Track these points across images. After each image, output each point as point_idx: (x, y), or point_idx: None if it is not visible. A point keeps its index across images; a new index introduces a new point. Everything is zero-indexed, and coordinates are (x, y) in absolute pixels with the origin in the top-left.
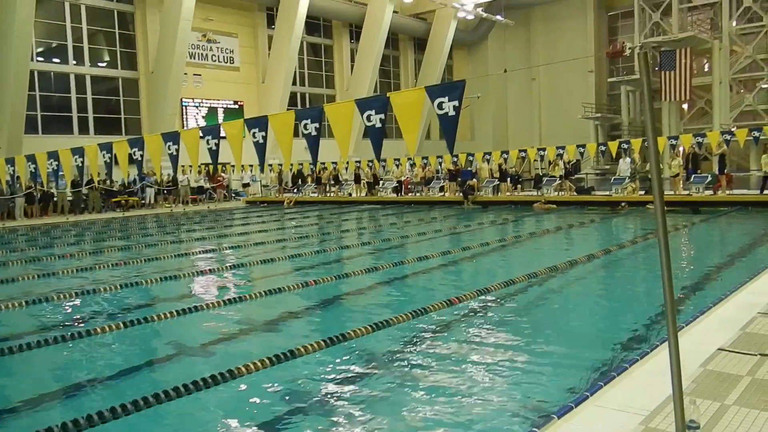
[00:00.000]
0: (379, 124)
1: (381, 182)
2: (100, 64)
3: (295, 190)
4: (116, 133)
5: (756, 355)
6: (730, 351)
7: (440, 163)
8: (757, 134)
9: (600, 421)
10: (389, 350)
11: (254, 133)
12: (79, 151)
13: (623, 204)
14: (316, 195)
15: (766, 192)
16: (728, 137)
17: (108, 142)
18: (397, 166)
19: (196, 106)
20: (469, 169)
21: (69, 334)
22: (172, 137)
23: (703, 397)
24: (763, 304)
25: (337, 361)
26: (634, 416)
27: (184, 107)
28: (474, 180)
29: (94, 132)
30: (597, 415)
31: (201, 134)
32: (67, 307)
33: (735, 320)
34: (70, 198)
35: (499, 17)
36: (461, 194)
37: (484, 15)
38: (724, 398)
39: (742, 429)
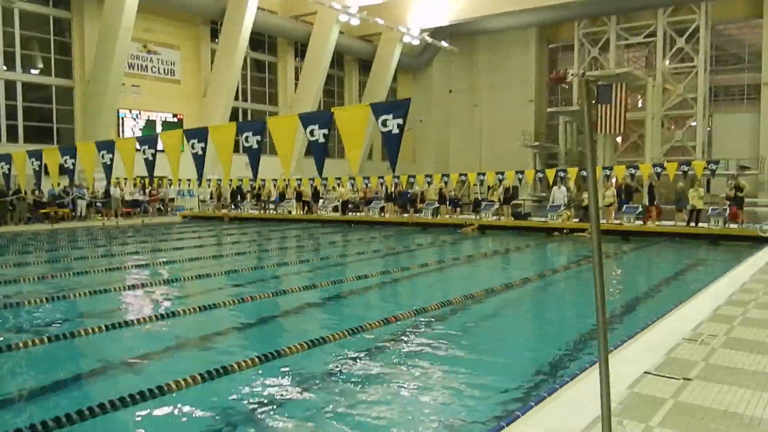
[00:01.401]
0: (322, 140)
1: (322, 200)
2: (32, 71)
3: (233, 206)
4: (48, 142)
5: (679, 379)
6: (655, 375)
7: (381, 184)
8: (686, 168)
9: None
10: (324, 368)
11: (193, 144)
12: (5, 158)
13: (565, 230)
14: (255, 212)
15: (692, 224)
16: (659, 170)
17: (37, 149)
18: (338, 185)
19: (134, 118)
20: (408, 191)
21: None
22: (107, 146)
23: (629, 419)
24: (687, 330)
25: (271, 378)
26: None
27: (121, 118)
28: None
29: (23, 140)
30: None
31: (137, 145)
32: None
33: (661, 345)
34: None
35: (444, 43)
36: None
37: (430, 40)
38: (649, 419)
39: None
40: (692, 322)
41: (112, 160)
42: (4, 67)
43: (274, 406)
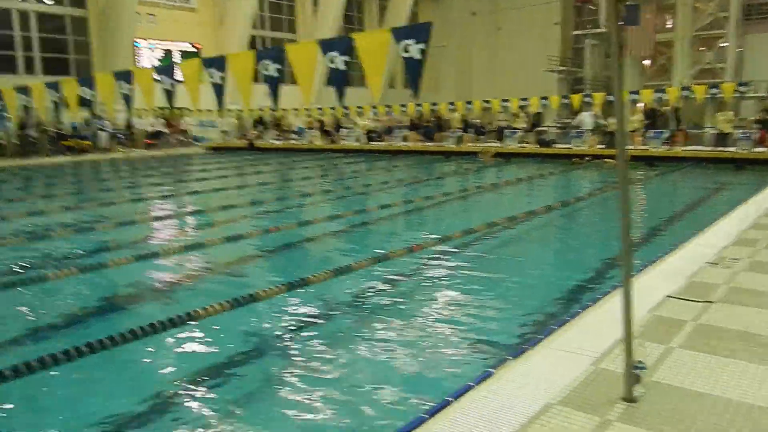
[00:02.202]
0: (342, 67)
1: (344, 130)
2: (46, 1)
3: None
4: (64, 74)
5: (701, 302)
6: (677, 298)
7: (403, 112)
8: (715, 92)
9: (553, 362)
10: (348, 295)
11: (212, 73)
12: (24, 91)
13: (586, 158)
14: (278, 142)
15: (719, 149)
16: (687, 94)
17: (55, 81)
18: (359, 114)
19: (151, 48)
20: (429, 126)
21: (21, 279)
22: (125, 76)
23: (650, 340)
24: (711, 255)
25: (298, 305)
26: (585, 358)
27: (137, 49)
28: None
29: (42, 72)
30: (550, 356)
31: (156, 75)
32: (19, 253)
33: (684, 269)
34: (16, 141)
35: None
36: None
37: None
38: (670, 341)
39: (686, 369)
40: (716, 246)
41: (131, 90)
42: None
43: (300, 333)
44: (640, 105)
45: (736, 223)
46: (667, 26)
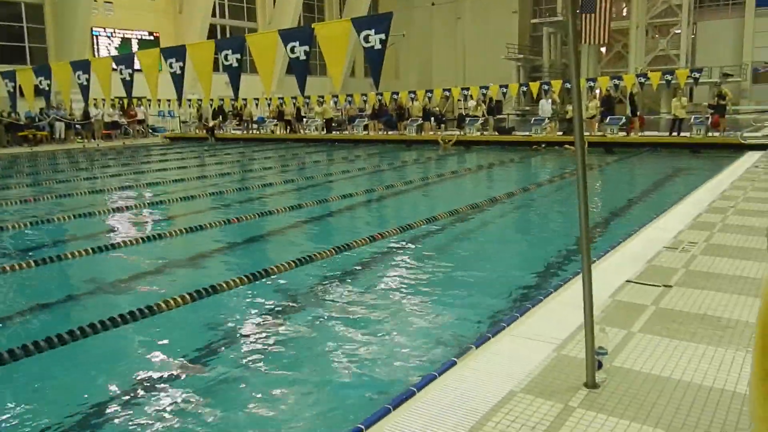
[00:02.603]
0: (303, 57)
1: (305, 119)
2: None
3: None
4: (20, 62)
5: (660, 286)
6: (636, 283)
7: (364, 102)
8: (669, 78)
9: (515, 349)
10: (311, 286)
11: (171, 63)
12: None
13: (543, 145)
14: (238, 132)
15: (675, 134)
16: (643, 80)
17: (11, 70)
18: (320, 103)
19: (108, 36)
20: (388, 113)
21: None
22: (83, 66)
23: (611, 326)
24: (668, 239)
25: (260, 296)
26: (547, 344)
27: (94, 37)
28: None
29: None
30: (513, 344)
31: (114, 64)
32: None
33: (642, 254)
34: None
35: None
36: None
37: None
38: (630, 326)
39: (646, 354)
40: (673, 230)
41: (88, 80)
42: None
43: (264, 324)
44: (597, 92)
45: (692, 207)
46: (622, 14)
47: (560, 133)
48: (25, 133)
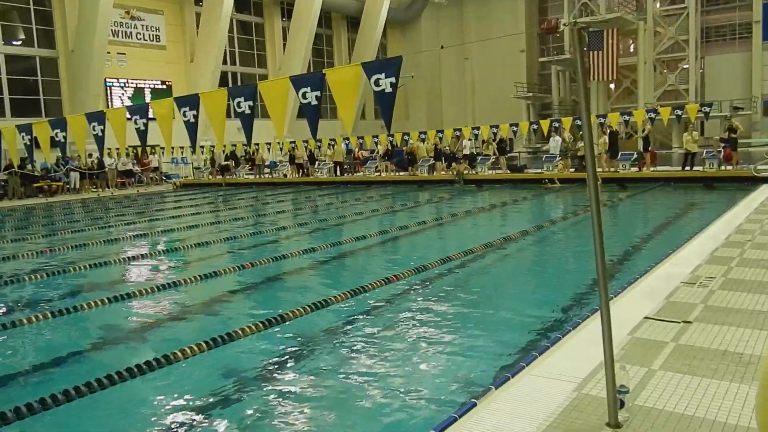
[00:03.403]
0: (314, 102)
1: (318, 162)
2: (14, 43)
3: (227, 172)
4: (35, 115)
5: (679, 322)
6: (655, 319)
7: (376, 143)
8: (679, 113)
9: (535, 389)
10: (327, 330)
11: (185, 112)
12: None
13: (555, 180)
14: (251, 176)
15: (687, 168)
16: (653, 116)
17: (27, 123)
18: (331, 146)
19: (122, 87)
20: (403, 148)
21: None
22: (98, 117)
23: (631, 363)
24: (685, 274)
25: (275, 342)
26: (568, 383)
27: (108, 88)
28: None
29: (11, 114)
30: (533, 383)
31: (128, 114)
32: None
33: (660, 290)
34: None
35: None
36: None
37: None
38: (651, 363)
39: (668, 391)
40: (690, 265)
41: (103, 131)
42: None
43: (280, 371)
44: (606, 128)
45: (708, 242)
46: (630, 51)
47: (572, 170)
48: (40, 183)
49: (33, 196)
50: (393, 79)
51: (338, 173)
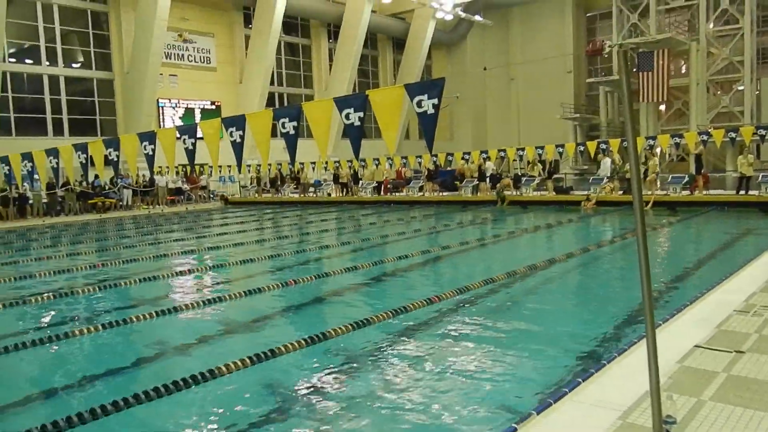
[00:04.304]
0: (357, 123)
1: (361, 182)
2: (73, 65)
3: (273, 190)
4: (91, 134)
5: (732, 351)
6: (706, 348)
7: (419, 163)
8: (733, 135)
9: (578, 416)
10: (369, 349)
11: (231, 132)
12: (53, 152)
13: (590, 198)
14: (295, 195)
15: (742, 192)
16: (705, 138)
17: (83, 142)
18: (376, 165)
19: (173, 107)
20: (448, 168)
21: (47, 337)
22: (149, 137)
23: (679, 393)
24: (738, 302)
25: (318, 360)
26: (612, 411)
27: (160, 108)
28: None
29: (68, 134)
30: (575, 410)
31: (177, 134)
32: (44, 310)
33: (711, 318)
34: (45, 200)
35: (477, 17)
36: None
37: (463, 15)
38: (701, 394)
39: (718, 424)
40: (744, 293)
41: (154, 150)
42: (47, 63)
43: (321, 388)
44: (658, 150)
45: (764, 269)
46: (681, 72)
47: (621, 192)
48: (94, 200)
49: (87, 212)
50: (435, 101)
51: (381, 193)
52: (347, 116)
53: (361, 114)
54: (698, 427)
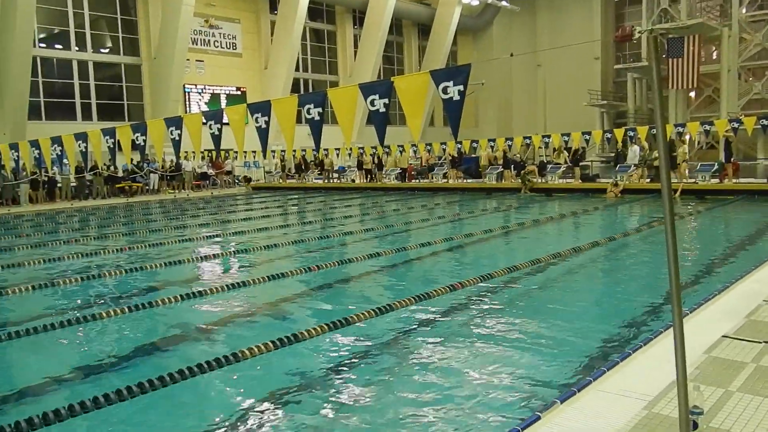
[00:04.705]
0: (383, 109)
1: (384, 169)
2: (102, 50)
3: (297, 176)
4: (119, 119)
5: (761, 342)
6: (734, 338)
7: (444, 150)
8: (765, 122)
9: (603, 405)
10: (391, 335)
11: (257, 118)
12: (82, 137)
13: (617, 184)
14: (320, 181)
15: None
16: (736, 125)
17: (111, 127)
18: (401, 152)
19: (199, 93)
20: (472, 155)
21: (74, 318)
22: (175, 122)
23: (706, 384)
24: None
25: (341, 344)
26: (637, 401)
27: (186, 93)
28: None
29: (97, 118)
30: (600, 399)
31: (204, 119)
32: (72, 292)
33: (740, 308)
34: (74, 184)
35: (504, 3)
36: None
37: (489, 0)
38: (728, 385)
39: (746, 415)
40: None
41: (180, 135)
42: (76, 48)
43: (345, 372)
44: (687, 137)
45: None
46: (712, 58)
47: (648, 180)
48: (122, 184)
49: (115, 196)
50: (461, 87)
51: (406, 179)
52: (372, 103)
53: (386, 100)
54: (725, 418)
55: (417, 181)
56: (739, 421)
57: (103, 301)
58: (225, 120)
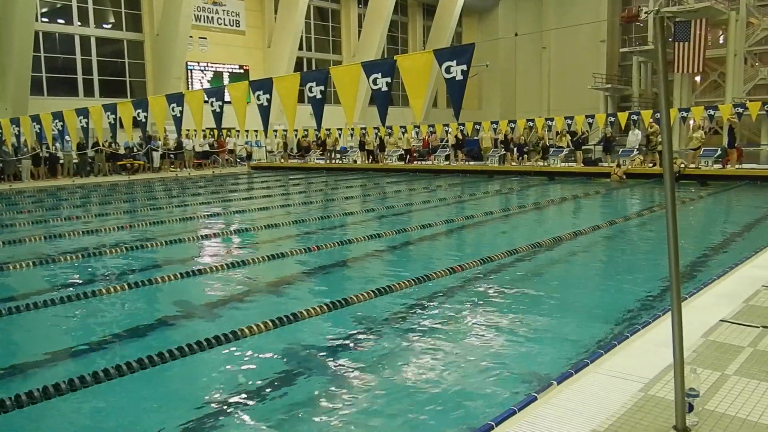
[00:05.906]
0: (385, 88)
1: (386, 150)
2: (105, 26)
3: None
4: (122, 96)
5: (758, 327)
6: (732, 322)
7: (447, 132)
8: None
9: (599, 387)
10: (390, 316)
11: (258, 96)
12: (83, 113)
13: (620, 165)
14: (321, 161)
15: None
16: (741, 110)
17: (112, 103)
18: (403, 133)
19: (202, 70)
20: (475, 138)
21: (74, 294)
22: (177, 99)
23: (703, 367)
24: (767, 277)
25: (339, 325)
26: (633, 383)
27: (189, 71)
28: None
29: (99, 94)
30: (596, 381)
31: (205, 97)
32: (72, 269)
33: (738, 293)
34: (76, 161)
35: None
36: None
37: None
38: (725, 368)
39: (742, 398)
40: None
41: (182, 112)
42: (79, 23)
43: (343, 352)
44: (694, 122)
45: None
46: (719, 42)
47: (651, 165)
48: (123, 162)
49: (117, 174)
50: (464, 67)
51: (407, 161)
52: (375, 81)
53: (389, 79)
54: (721, 400)
55: (419, 162)
56: (735, 404)
57: (102, 278)
58: (227, 98)
